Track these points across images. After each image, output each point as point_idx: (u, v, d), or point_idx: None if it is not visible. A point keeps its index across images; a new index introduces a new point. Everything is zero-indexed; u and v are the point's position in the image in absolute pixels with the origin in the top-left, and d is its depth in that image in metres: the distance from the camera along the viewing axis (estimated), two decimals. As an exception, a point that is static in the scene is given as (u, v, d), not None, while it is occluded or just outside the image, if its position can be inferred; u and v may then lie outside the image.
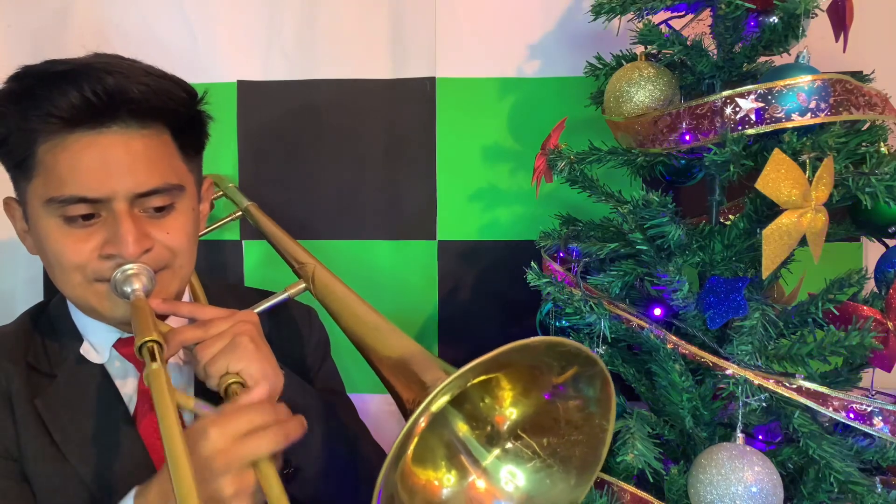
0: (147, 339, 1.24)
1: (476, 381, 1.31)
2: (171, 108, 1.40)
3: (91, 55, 1.42)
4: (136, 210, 1.37)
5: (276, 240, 1.83)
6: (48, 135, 1.32)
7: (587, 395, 1.30)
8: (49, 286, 2.24)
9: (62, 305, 1.55)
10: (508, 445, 1.38)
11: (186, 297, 1.62)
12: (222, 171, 2.26)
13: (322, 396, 1.58)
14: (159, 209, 1.40)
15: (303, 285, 1.61)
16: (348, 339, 1.50)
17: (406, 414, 1.22)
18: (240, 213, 2.09)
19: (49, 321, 1.56)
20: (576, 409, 1.33)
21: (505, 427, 1.38)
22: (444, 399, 1.26)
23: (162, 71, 1.43)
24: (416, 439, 1.25)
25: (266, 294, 1.68)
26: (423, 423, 1.23)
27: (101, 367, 1.50)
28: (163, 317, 1.49)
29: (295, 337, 1.76)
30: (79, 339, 1.52)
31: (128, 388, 1.50)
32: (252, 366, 1.33)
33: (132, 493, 1.24)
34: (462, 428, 1.40)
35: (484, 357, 1.14)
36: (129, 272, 1.35)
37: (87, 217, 1.35)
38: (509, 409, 1.37)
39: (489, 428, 1.39)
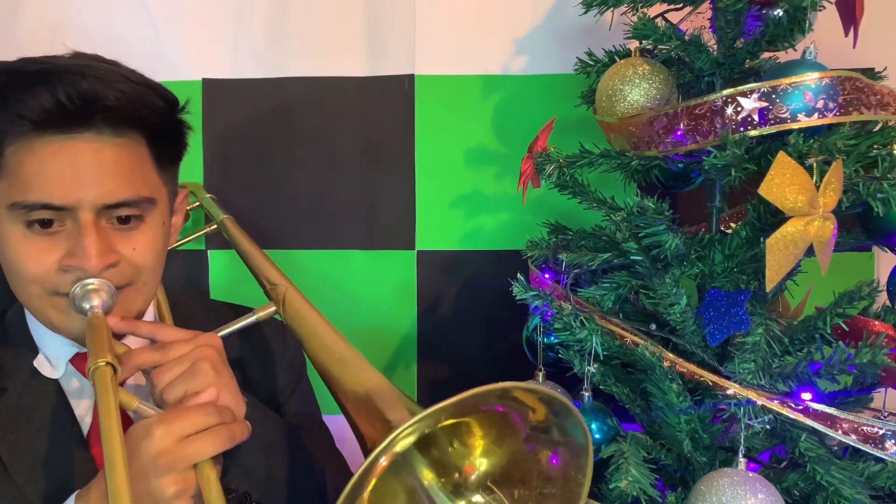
0: (100, 361, 1.23)
1: (445, 423, 1.30)
2: (147, 118, 1.39)
3: (70, 55, 1.41)
4: (102, 221, 1.36)
5: (250, 257, 1.82)
6: (16, 136, 1.31)
7: (562, 446, 1.28)
8: (4, 296, 2.22)
9: (20, 315, 1.53)
10: (476, 498, 1.36)
11: (151, 313, 1.60)
12: (186, 176, 2.23)
13: (290, 424, 1.58)
14: (126, 220, 1.38)
15: (273, 308, 1.60)
16: (315, 368, 1.48)
17: (367, 454, 1.21)
18: (215, 226, 2.08)
19: (4, 331, 1.54)
20: (550, 461, 1.32)
21: (473, 477, 1.36)
22: (408, 441, 1.24)
23: (142, 77, 1.42)
24: (374, 481, 1.24)
25: (238, 309, 1.69)
26: (384, 462, 1.21)
27: (56, 382, 1.48)
28: (121, 336, 1.47)
29: (267, 357, 1.74)
30: (34, 351, 1.50)
31: (82, 406, 1.48)
32: (212, 394, 1.32)
33: (73, 495, 1.27)
34: (427, 475, 1.38)
35: (451, 400, 1.13)
36: (90, 287, 1.34)
37: (46, 223, 1.33)
38: (479, 459, 1.36)
39: (456, 475, 1.37)
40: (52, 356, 1.50)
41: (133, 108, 1.35)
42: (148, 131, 1.40)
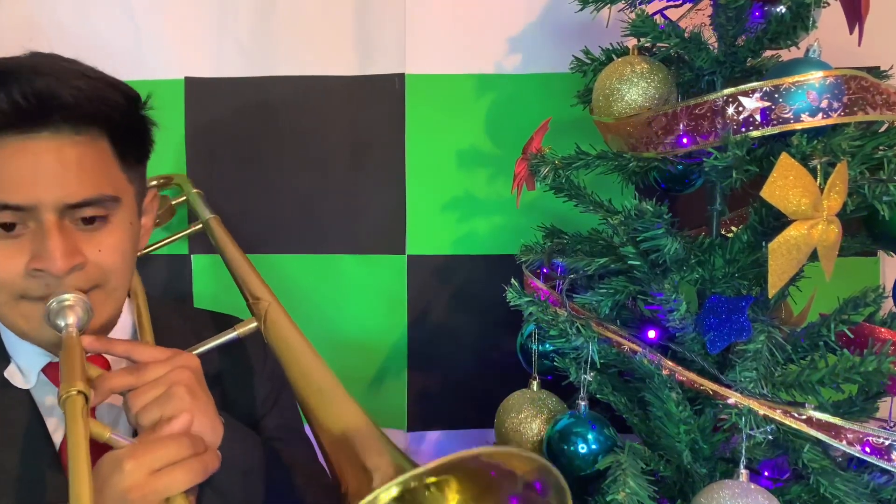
0: (71, 390, 1.22)
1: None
2: (107, 114, 1.38)
3: (26, 54, 1.41)
4: (66, 222, 1.35)
5: (234, 265, 1.79)
6: None
7: None
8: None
9: None
10: None
11: (129, 324, 1.60)
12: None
13: (270, 440, 1.58)
14: (91, 221, 1.38)
15: (254, 324, 1.58)
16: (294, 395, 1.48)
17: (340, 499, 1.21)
18: (199, 225, 2.06)
19: None
20: None
21: None
22: (386, 497, 1.24)
23: (101, 73, 1.42)
24: None
25: (218, 317, 1.67)
26: None
27: (28, 393, 1.48)
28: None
29: (246, 370, 1.73)
30: (6, 360, 1.49)
31: (54, 419, 1.47)
32: (187, 420, 1.31)
33: None
34: None
35: (436, 463, 1.12)
36: (66, 303, 1.33)
37: (9, 227, 1.33)
38: None
39: None
40: (24, 366, 1.48)
41: (91, 105, 1.35)
42: (109, 128, 1.39)
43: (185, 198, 2.15)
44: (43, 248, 1.31)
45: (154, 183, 2.17)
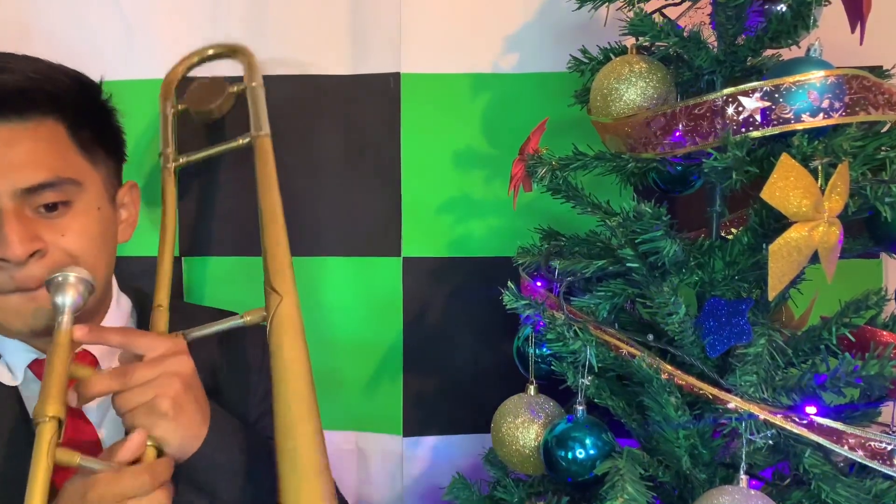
0: (44, 417, 1.23)
1: None
2: (54, 97, 1.42)
3: None
4: (26, 210, 1.38)
5: (266, 224, 1.68)
6: None
7: None
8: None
9: None
10: None
11: (115, 317, 1.59)
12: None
13: (263, 438, 1.55)
14: (52, 207, 1.40)
15: (262, 314, 1.50)
16: None
17: None
18: (247, 139, 1.91)
19: None
20: None
21: None
22: None
23: (51, 62, 1.47)
24: None
25: (219, 313, 1.66)
26: None
27: (16, 390, 1.49)
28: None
29: (244, 365, 1.72)
30: None
31: None
32: (169, 434, 1.32)
33: None
34: None
35: None
36: (69, 279, 1.36)
37: None
38: None
39: None
40: (12, 362, 1.50)
41: (36, 87, 1.39)
42: (61, 112, 1.43)
43: (244, 87, 2.05)
44: (0, 236, 1.33)
45: (211, 52, 2.17)
